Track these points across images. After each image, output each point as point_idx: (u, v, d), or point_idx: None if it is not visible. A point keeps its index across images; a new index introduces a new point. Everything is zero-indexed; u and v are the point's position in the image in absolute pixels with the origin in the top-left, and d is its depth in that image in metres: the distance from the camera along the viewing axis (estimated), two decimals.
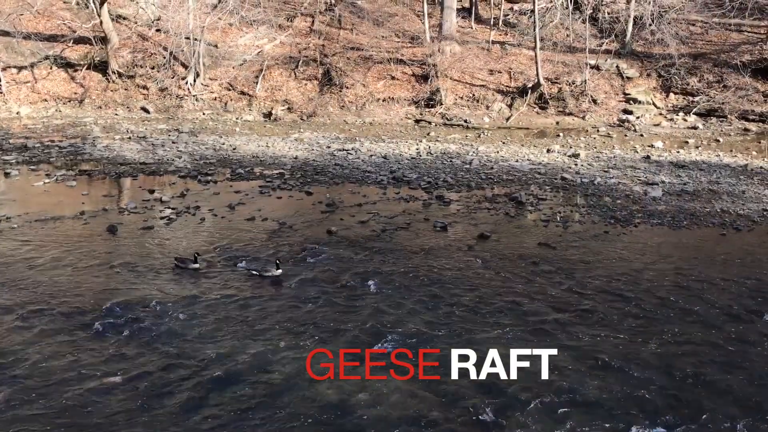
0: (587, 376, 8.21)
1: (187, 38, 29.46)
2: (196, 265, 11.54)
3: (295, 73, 30.60)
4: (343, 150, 21.84)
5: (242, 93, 29.74)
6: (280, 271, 11.28)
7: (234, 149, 21.91)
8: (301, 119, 28.31)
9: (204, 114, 28.64)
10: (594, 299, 10.52)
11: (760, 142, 24.73)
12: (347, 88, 29.77)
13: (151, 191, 16.74)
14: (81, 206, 15.19)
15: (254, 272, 11.35)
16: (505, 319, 9.75)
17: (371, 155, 21.17)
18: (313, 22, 34.27)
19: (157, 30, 32.00)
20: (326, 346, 8.81)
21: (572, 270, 11.77)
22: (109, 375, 8.04)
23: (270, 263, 11.53)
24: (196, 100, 29.26)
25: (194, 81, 29.52)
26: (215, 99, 29.58)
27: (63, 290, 10.50)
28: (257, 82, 29.87)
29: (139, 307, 9.96)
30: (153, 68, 29.99)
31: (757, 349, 9.03)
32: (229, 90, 29.93)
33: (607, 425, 7.27)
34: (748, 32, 32.61)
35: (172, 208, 15.17)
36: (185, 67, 29.86)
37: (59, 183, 17.58)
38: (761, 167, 19.99)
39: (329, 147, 22.39)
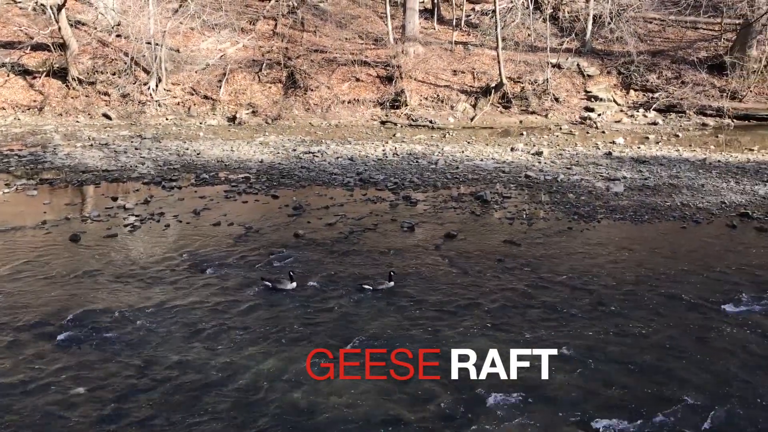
0: (552, 370, 8.32)
1: (149, 43, 29.09)
2: (294, 285, 10.76)
3: (258, 77, 30.44)
4: (309, 153, 21.79)
5: (205, 97, 29.49)
6: (294, 284, 10.79)
7: (198, 154, 21.70)
8: (266, 122, 28.17)
9: (167, 119, 28.31)
10: (558, 294, 10.68)
11: (717, 137, 25.39)
12: (312, 90, 29.72)
13: (115, 199, 16.50)
14: (42, 215, 14.90)
15: (267, 283, 10.85)
16: (472, 318, 9.83)
17: (337, 157, 21.16)
18: (275, 25, 34.14)
19: (118, 35, 31.53)
20: (294, 350, 8.81)
21: (537, 266, 11.93)
22: (73, 387, 7.92)
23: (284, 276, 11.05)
24: (159, 105, 28.91)
25: (156, 86, 29.16)
26: (178, 104, 29.27)
27: (25, 301, 10.30)
28: (220, 86, 29.65)
29: (104, 316, 9.81)
30: (114, 74, 29.53)
31: (718, 339, 9.26)
32: (192, 95, 29.64)
33: (570, 419, 7.39)
34: (704, 29, 33.42)
35: (136, 215, 14.98)
36: (147, 72, 29.50)
37: (19, 192, 17.23)
38: (719, 161, 20.48)
39: (295, 150, 22.32)
